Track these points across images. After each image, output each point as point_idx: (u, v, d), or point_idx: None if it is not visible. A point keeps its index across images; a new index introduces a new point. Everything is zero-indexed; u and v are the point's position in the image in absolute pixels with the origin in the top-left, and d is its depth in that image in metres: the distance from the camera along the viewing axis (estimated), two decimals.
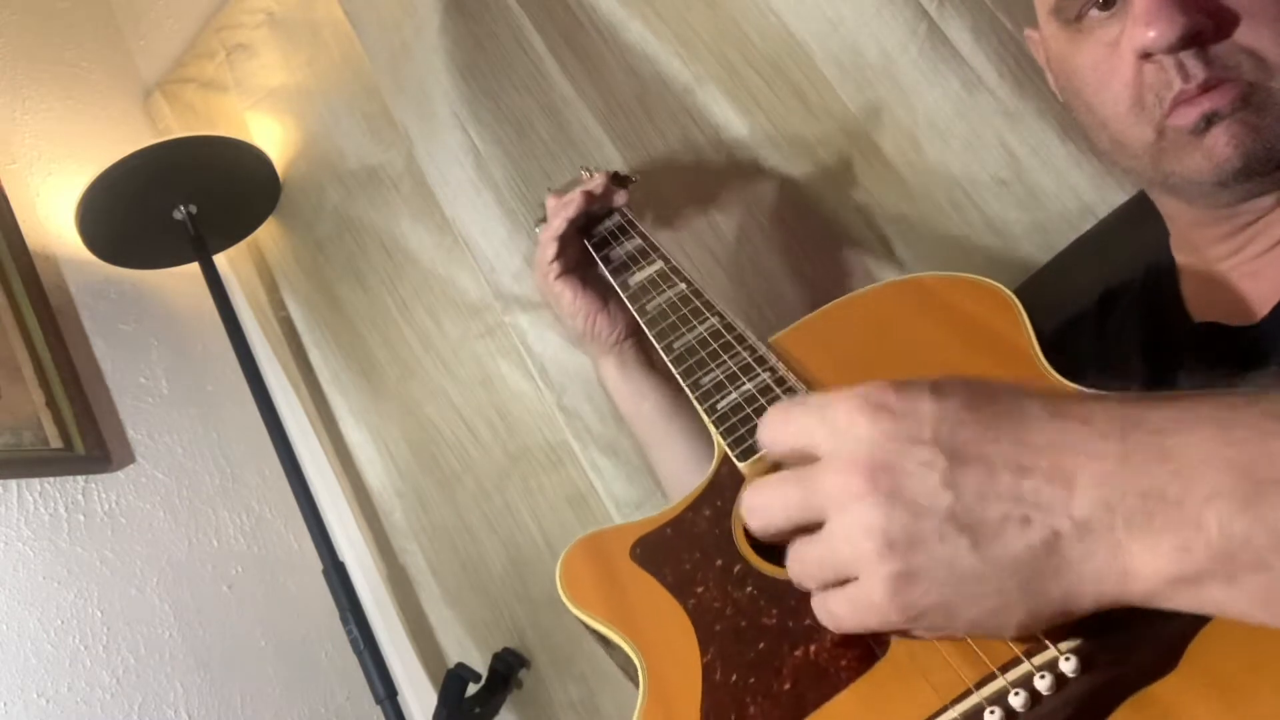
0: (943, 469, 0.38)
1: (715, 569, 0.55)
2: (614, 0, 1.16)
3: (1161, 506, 0.35)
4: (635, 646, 0.53)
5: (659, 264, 0.81)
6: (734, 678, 0.48)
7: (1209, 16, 0.55)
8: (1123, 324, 0.70)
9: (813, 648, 0.46)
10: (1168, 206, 0.68)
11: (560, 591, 0.60)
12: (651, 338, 0.74)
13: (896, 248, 1.03)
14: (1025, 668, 0.40)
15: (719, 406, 0.63)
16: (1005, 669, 0.40)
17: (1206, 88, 0.56)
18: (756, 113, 1.08)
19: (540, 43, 1.20)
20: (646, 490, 1.12)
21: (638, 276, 0.80)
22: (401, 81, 1.27)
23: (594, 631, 0.59)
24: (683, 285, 0.77)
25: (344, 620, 1.19)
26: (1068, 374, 0.55)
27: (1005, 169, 0.97)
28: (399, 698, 1.17)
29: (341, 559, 1.24)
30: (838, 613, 0.42)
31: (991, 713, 0.38)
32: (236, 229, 1.46)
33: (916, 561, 0.38)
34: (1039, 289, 0.91)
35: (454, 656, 1.29)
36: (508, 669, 1.23)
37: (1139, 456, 0.36)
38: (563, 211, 0.87)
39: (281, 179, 1.43)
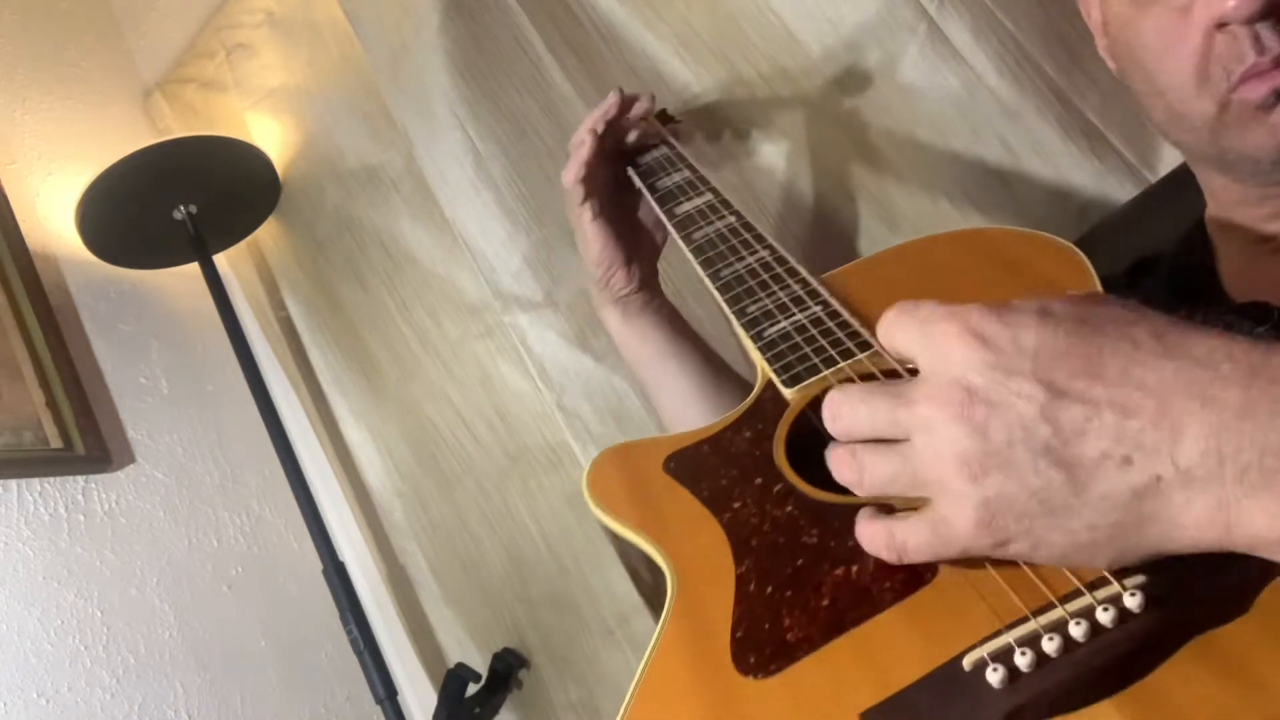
0: (1041, 402, 0.37)
1: (754, 487, 0.53)
2: (614, 0, 1.16)
3: None
4: (666, 554, 0.51)
5: (708, 195, 0.78)
6: (769, 589, 0.46)
7: None
8: (1149, 299, 0.68)
9: (855, 568, 0.44)
10: (1214, 182, 0.66)
11: (587, 496, 0.58)
12: (697, 266, 0.71)
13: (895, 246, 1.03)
14: (1087, 600, 0.38)
15: (766, 334, 0.62)
16: (1066, 600, 0.39)
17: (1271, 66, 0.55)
18: (756, 113, 1.08)
19: (540, 43, 1.20)
20: None
21: (685, 206, 0.77)
22: (401, 81, 1.27)
23: (618, 538, 0.57)
24: (732, 218, 0.74)
25: (344, 620, 1.20)
26: None
27: (1006, 167, 0.97)
28: (399, 698, 1.17)
29: (341, 559, 1.24)
30: (909, 540, 0.40)
31: (1050, 639, 0.37)
32: (236, 229, 1.46)
33: (1008, 489, 0.37)
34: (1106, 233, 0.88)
35: (454, 656, 1.29)
36: (508, 669, 1.23)
37: (1262, 408, 0.34)
38: (576, 154, 0.83)
39: (281, 179, 1.43)
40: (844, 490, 0.45)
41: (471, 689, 1.20)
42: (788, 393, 0.58)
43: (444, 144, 1.24)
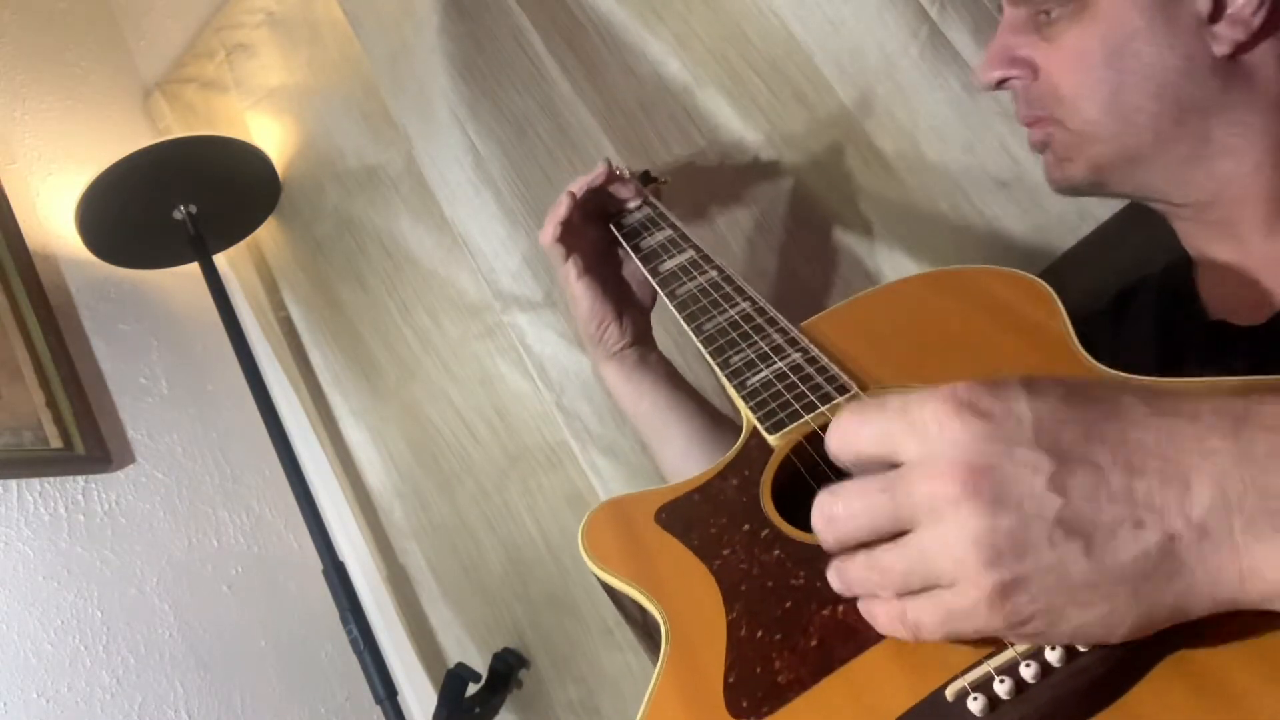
0: (1049, 471, 0.36)
1: (742, 533, 0.55)
2: (614, 0, 1.16)
3: None
4: (658, 604, 0.53)
5: (690, 252, 0.81)
6: (759, 634, 0.47)
7: (1012, 66, 0.65)
8: (1138, 321, 0.69)
9: (841, 608, 0.45)
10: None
11: (583, 552, 0.59)
12: (681, 320, 0.74)
13: (896, 249, 1.03)
14: None
15: (749, 383, 0.64)
16: None
17: (1028, 123, 0.66)
18: (756, 114, 1.08)
19: (540, 43, 1.20)
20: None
21: (668, 264, 0.80)
22: (401, 81, 1.27)
23: (614, 595, 0.58)
24: (714, 273, 0.77)
25: (344, 620, 1.20)
26: None
27: (1006, 171, 0.97)
28: (399, 698, 1.17)
29: (341, 559, 1.24)
30: (924, 621, 0.39)
31: (1028, 665, 0.38)
32: (236, 229, 1.46)
33: (1025, 569, 0.36)
34: (1052, 282, 0.90)
35: (454, 656, 1.29)
36: (508, 669, 1.23)
37: (1257, 454, 0.35)
38: (553, 214, 0.86)
39: (281, 179, 1.43)
40: None
41: (471, 689, 1.20)
42: (772, 439, 0.60)
43: (444, 144, 1.24)
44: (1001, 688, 0.38)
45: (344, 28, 1.33)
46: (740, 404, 0.64)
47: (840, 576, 0.42)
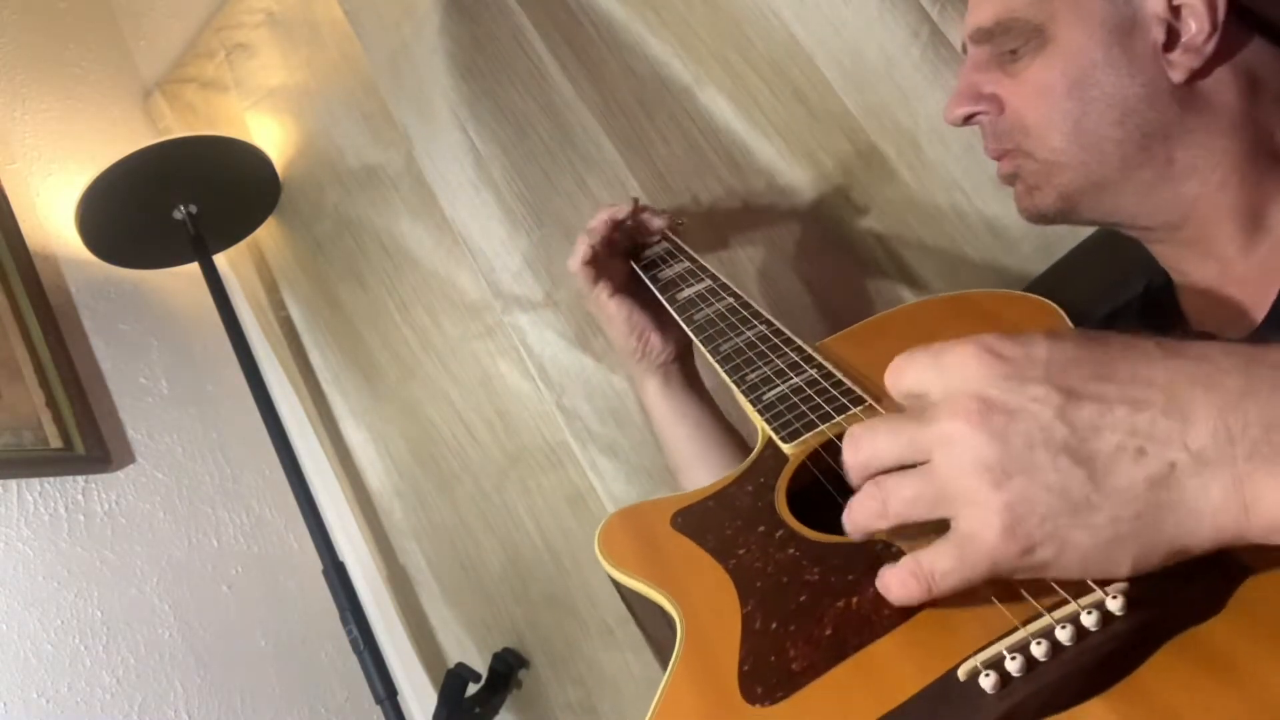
0: (1056, 404, 0.38)
1: (757, 534, 0.56)
2: (614, 1, 1.16)
3: None
4: (674, 601, 0.54)
5: (707, 281, 0.84)
6: (774, 625, 0.48)
7: (978, 102, 0.67)
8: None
9: (855, 599, 0.46)
10: None
11: (598, 553, 0.61)
12: (699, 343, 0.77)
13: (896, 250, 1.03)
14: (1072, 606, 0.40)
15: (765, 398, 0.66)
16: (1052, 609, 0.41)
17: (996, 156, 0.69)
18: (757, 114, 1.08)
19: (540, 43, 1.20)
20: (645, 491, 1.12)
21: (686, 292, 0.83)
22: (401, 81, 1.27)
23: (628, 596, 0.59)
24: (730, 299, 0.80)
25: (344, 620, 1.20)
26: None
27: None
28: (399, 698, 1.17)
29: (341, 559, 1.24)
30: (937, 565, 0.40)
31: (1038, 644, 0.39)
32: (236, 229, 1.46)
33: (1030, 491, 0.38)
34: (1044, 294, 0.91)
35: (454, 656, 1.29)
36: (508, 669, 1.23)
37: (1263, 389, 0.36)
38: (582, 240, 0.89)
39: (281, 179, 1.43)
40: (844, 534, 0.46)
41: (471, 689, 1.20)
42: (786, 448, 0.62)
43: (444, 144, 1.24)
44: (1013, 664, 0.39)
45: (344, 28, 1.33)
46: (756, 417, 0.66)
47: (850, 511, 0.43)
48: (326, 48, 1.38)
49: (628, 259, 0.92)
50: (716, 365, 0.73)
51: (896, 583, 0.42)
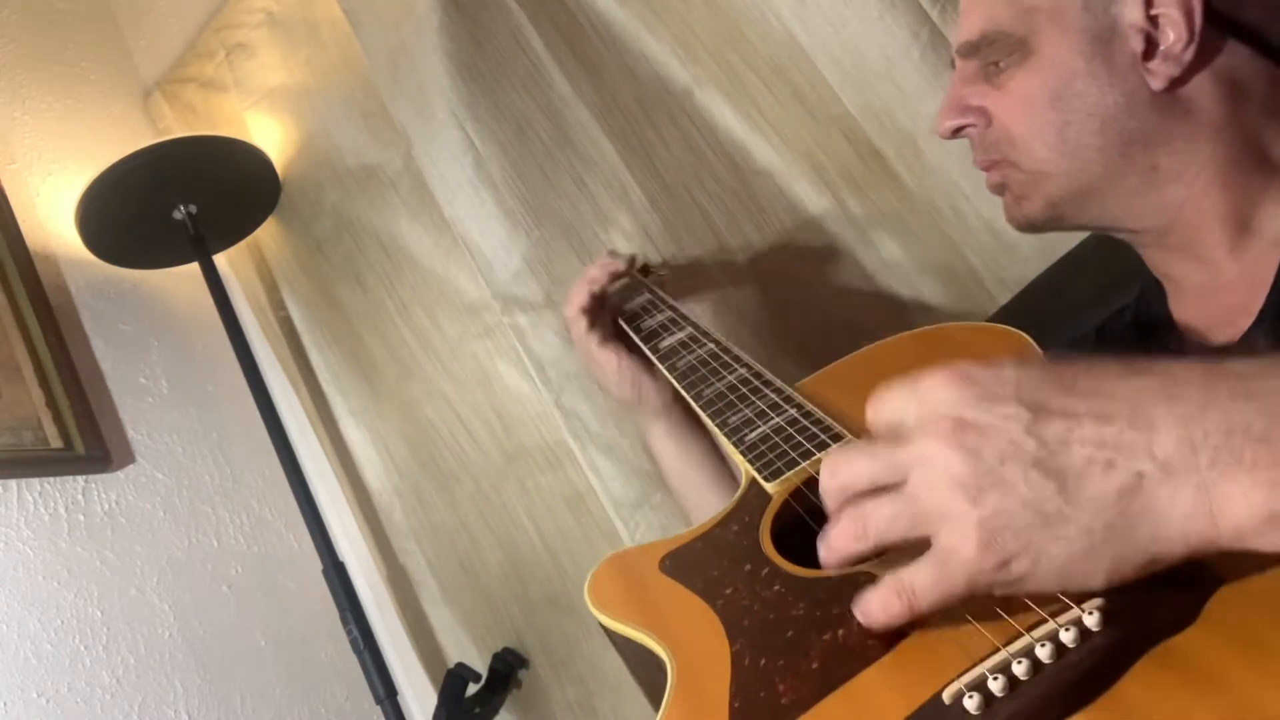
0: (1026, 420, 0.39)
1: (744, 573, 0.57)
2: (613, 1, 1.16)
3: (1249, 443, 0.36)
4: (663, 644, 0.55)
5: (689, 329, 0.86)
6: (763, 661, 0.49)
7: (966, 114, 0.68)
8: (1117, 343, 0.71)
9: (840, 631, 0.47)
10: None
11: (588, 602, 0.62)
12: (681, 390, 0.79)
13: (895, 250, 1.03)
14: (1050, 625, 0.41)
15: (747, 439, 0.68)
16: (1032, 628, 0.42)
17: (984, 167, 0.70)
18: (756, 115, 1.08)
19: (539, 43, 1.20)
20: (644, 491, 1.12)
21: (668, 341, 0.86)
22: (400, 81, 1.27)
23: (619, 642, 0.60)
24: (711, 345, 0.82)
25: (344, 620, 1.20)
26: None
27: None
28: (399, 698, 1.17)
29: (341, 559, 1.24)
30: (917, 581, 0.41)
31: (1019, 663, 0.40)
32: (236, 229, 1.46)
33: (1004, 504, 0.39)
34: (1037, 301, 0.91)
35: (454, 656, 1.29)
36: (508, 669, 1.23)
37: (1221, 397, 0.37)
38: (581, 285, 0.91)
39: (281, 179, 1.43)
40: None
41: (471, 689, 1.20)
42: (769, 487, 0.63)
43: (443, 144, 1.24)
44: (995, 685, 0.40)
45: (344, 28, 1.33)
46: (739, 459, 0.67)
47: (827, 538, 0.44)
48: (326, 48, 1.38)
49: (614, 313, 0.94)
50: (700, 410, 0.75)
51: (879, 603, 0.43)
